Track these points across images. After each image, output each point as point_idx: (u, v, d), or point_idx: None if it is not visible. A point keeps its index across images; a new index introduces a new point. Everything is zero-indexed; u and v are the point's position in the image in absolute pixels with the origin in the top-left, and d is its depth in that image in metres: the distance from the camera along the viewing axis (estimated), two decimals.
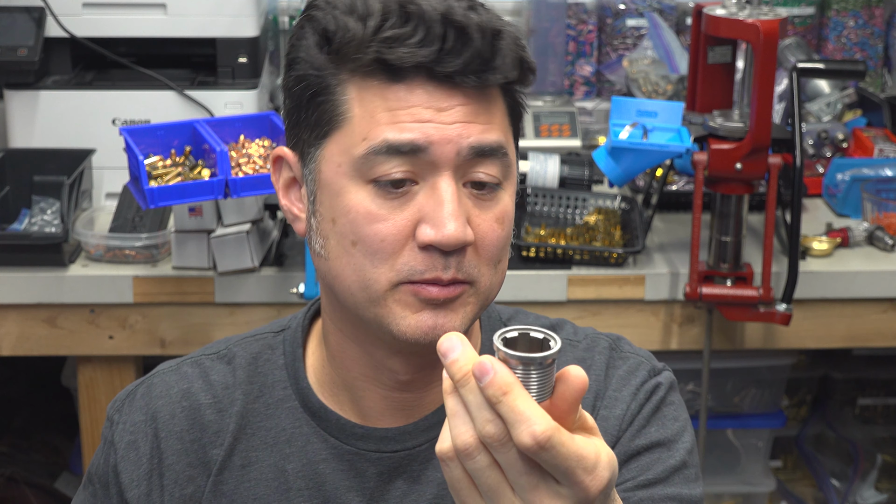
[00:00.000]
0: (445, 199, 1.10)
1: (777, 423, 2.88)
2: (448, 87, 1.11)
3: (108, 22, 2.56)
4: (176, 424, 1.25)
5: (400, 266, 1.11)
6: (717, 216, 2.34)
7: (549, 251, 2.37)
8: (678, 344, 2.40)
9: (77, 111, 2.54)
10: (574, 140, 2.80)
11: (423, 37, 1.09)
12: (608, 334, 1.31)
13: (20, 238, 2.33)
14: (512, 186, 1.16)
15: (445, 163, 1.11)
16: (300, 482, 1.23)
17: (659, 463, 1.21)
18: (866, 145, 2.75)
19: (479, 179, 1.12)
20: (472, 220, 1.12)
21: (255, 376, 1.27)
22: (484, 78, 1.11)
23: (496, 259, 1.15)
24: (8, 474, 2.81)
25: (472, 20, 1.09)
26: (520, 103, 1.18)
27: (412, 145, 1.10)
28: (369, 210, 1.11)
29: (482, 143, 1.12)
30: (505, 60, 1.11)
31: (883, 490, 2.93)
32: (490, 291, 1.16)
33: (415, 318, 1.12)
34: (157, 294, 2.31)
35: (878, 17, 3.11)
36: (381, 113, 1.11)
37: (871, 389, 3.02)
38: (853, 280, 2.40)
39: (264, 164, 2.15)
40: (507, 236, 1.16)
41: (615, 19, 3.06)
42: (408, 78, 1.11)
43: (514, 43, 1.12)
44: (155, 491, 1.24)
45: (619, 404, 1.24)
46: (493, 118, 1.13)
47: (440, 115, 1.11)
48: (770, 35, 2.19)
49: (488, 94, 1.13)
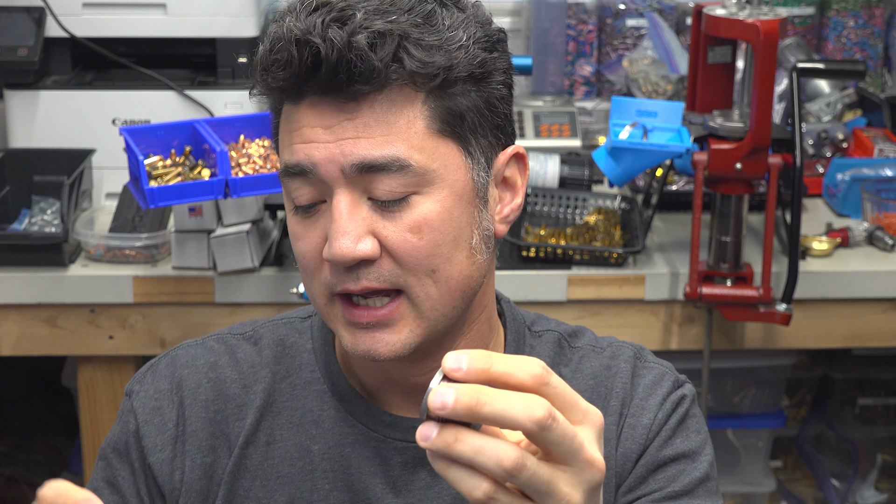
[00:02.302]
0: (335, 217, 1.11)
1: (777, 423, 2.88)
2: (331, 104, 1.10)
3: (108, 22, 2.56)
4: (201, 393, 1.26)
5: (323, 280, 1.14)
6: (717, 216, 2.34)
7: (549, 251, 2.37)
8: (678, 344, 2.40)
9: (77, 111, 2.54)
10: (574, 140, 2.80)
11: (285, 61, 1.09)
12: (630, 343, 1.32)
13: (20, 238, 2.33)
14: (441, 191, 1.12)
15: (334, 181, 1.11)
16: (325, 464, 1.23)
17: (685, 475, 1.23)
18: (866, 145, 2.75)
19: (375, 196, 1.11)
20: (379, 233, 1.12)
21: (283, 357, 1.28)
22: (353, 91, 1.09)
23: (424, 269, 1.12)
24: (8, 474, 2.81)
25: (327, 36, 1.07)
26: (457, 101, 1.13)
27: (299, 167, 1.12)
28: (294, 229, 1.16)
29: (366, 159, 1.10)
30: (365, 71, 1.08)
31: (883, 490, 2.93)
32: (435, 302, 1.14)
33: (351, 339, 1.15)
34: (157, 294, 2.31)
35: (878, 17, 3.11)
36: (286, 135, 1.14)
37: (871, 389, 3.02)
38: (853, 280, 2.40)
39: (264, 164, 2.15)
40: (431, 244, 1.12)
41: (615, 19, 3.06)
42: (301, 100, 1.12)
43: (381, 48, 1.08)
44: (178, 457, 1.24)
45: (647, 413, 1.25)
46: (392, 129, 1.10)
47: (326, 133, 1.11)
48: (770, 35, 2.19)
49: (383, 104, 1.10)
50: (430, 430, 0.85)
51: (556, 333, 1.31)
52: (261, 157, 2.16)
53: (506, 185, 1.20)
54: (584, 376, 1.28)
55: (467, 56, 1.12)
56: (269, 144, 2.21)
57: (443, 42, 1.11)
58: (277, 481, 1.24)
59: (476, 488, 0.85)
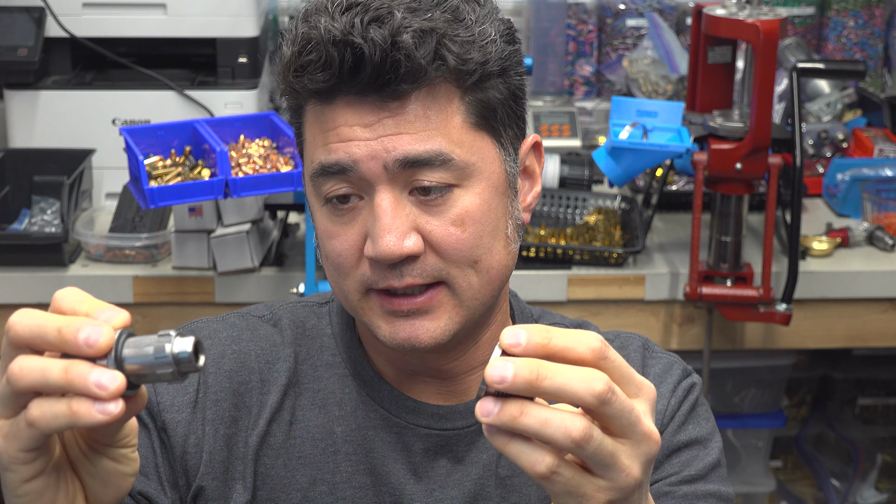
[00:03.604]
0: (379, 214, 1.11)
1: (777, 423, 2.88)
2: (370, 103, 1.11)
3: (108, 22, 2.56)
4: (225, 364, 1.25)
5: (360, 276, 1.14)
6: (717, 216, 2.34)
7: (549, 251, 2.37)
8: (678, 344, 2.40)
9: (77, 111, 2.54)
10: (574, 140, 2.80)
11: (323, 62, 1.09)
12: (637, 334, 1.34)
13: (20, 238, 2.33)
14: (480, 184, 1.14)
15: (376, 178, 1.11)
16: (348, 446, 1.23)
17: (698, 460, 1.24)
18: (866, 145, 2.75)
19: (421, 185, 1.12)
20: (423, 228, 1.13)
21: (303, 339, 1.28)
22: (394, 90, 1.10)
23: (467, 260, 1.14)
24: None
25: (369, 36, 1.07)
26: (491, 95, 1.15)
27: (338, 166, 1.12)
28: (326, 227, 1.15)
29: (409, 155, 1.11)
30: (410, 69, 1.09)
31: (883, 490, 2.93)
32: (476, 291, 1.15)
33: (389, 328, 1.15)
34: (157, 294, 2.31)
35: (878, 17, 3.11)
36: (318, 135, 1.14)
37: (871, 389, 3.02)
38: (853, 280, 2.40)
39: (264, 164, 2.15)
40: (474, 236, 1.14)
41: (615, 19, 3.06)
42: (335, 99, 1.12)
43: (424, 46, 1.09)
44: (197, 422, 1.23)
45: (660, 399, 1.26)
46: (431, 124, 1.12)
47: (365, 130, 1.11)
48: (770, 35, 2.19)
49: (422, 101, 1.11)
50: (490, 406, 0.85)
51: (563, 326, 1.32)
52: (261, 157, 2.16)
53: (525, 174, 1.23)
54: None
55: (496, 50, 1.14)
56: (269, 144, 2.21)
57: (475, 38, 1.13)
58: (299, 461, 1.24)
59: (539, 462, 0.86)
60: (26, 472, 0.89)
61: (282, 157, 2.17)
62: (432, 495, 1.23)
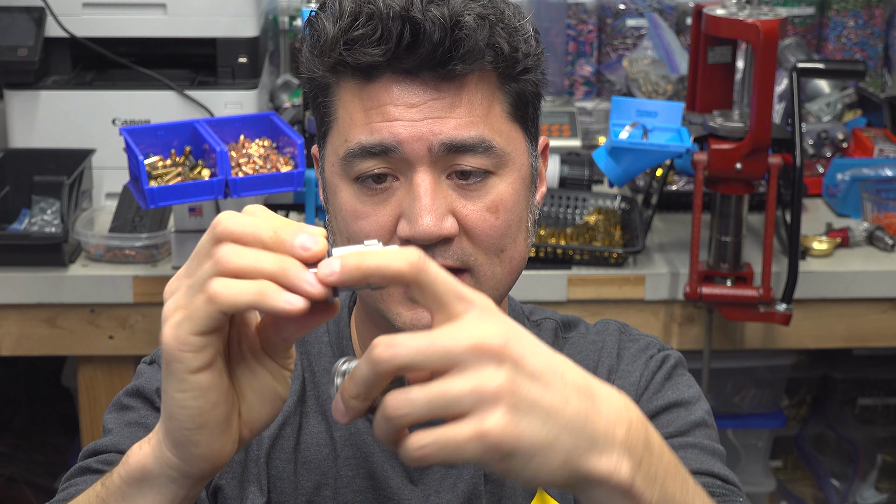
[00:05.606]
0: (419, 195, 1.12)
1: (777, 423, 2.88)
2: (419, 83, 1.12)
3: (108, 22, 2.56)
4: None
5: None
6: (717, 216, 2.34)
7: (549, 251, 2.37)
8: (678, 344, 2.40)
9: (77, 111, 2.54)
10: (574, 140, 2.80)
11: (379, 36, 1.09)
12: (615, 320, 1.36)
13: (20, 238, 2.33)
14: (512, 174, 1.16)
15: (418, 159, 1.12)
16: (347, 451, 1.24)
17: (679, 419, 1.24)
18: (866, 145, 2.75)
19: (462, 169, 1.13)
20: (458, 212, 1.14)
21: (302, 345, 1.29)
22: (448, 70, 1.11)
23: (496, 248, 1.15)
24: (8, 474, 2.81)
25: (430, 14, 1.08)
26: (526, 88, 1.18)
27: (382, 146, 1.12)
28: (355, 208, 1.15)
29: (454, 139, 1.12)
30: (469, 50, 1.10)
31: (883, 490, 2.93)
32: (498, 281, 1.17)
33: (411, 315, 1.15)
34: (157, 294, 2.31)
35: (878, 17, 3.11)
36: (358, 113, 1.14)
37: (871, 389, 3.02)
38: (853, 280, 2.40)
39: (264, 164, 2.15)
40: (505, 224, 1.15)
41: (615, 19, 3.06)
42: (380, 77, 1.12)
43: (482, 30, 1.11)
44: None
45: (633, 374, 1.28)
46: (475, 110, 1.13)
47: (410, 111, 1.12)
48: (770, 35, 2.19)
49: (470, 86, 1.13)
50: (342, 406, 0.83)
51: (553, 321, 1.35)
52: (261, 157, 2.16)
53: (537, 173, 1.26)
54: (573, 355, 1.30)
55: (534, 46, 1.18)
56: (269, 144, 2.21)
57: (520, 30, 1.16)
58: (304, 466, 1.24)
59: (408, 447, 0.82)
60: (194, 362, 0.87)
61: (282, 157, 2.17)
62: (428, 500, 1.23)
